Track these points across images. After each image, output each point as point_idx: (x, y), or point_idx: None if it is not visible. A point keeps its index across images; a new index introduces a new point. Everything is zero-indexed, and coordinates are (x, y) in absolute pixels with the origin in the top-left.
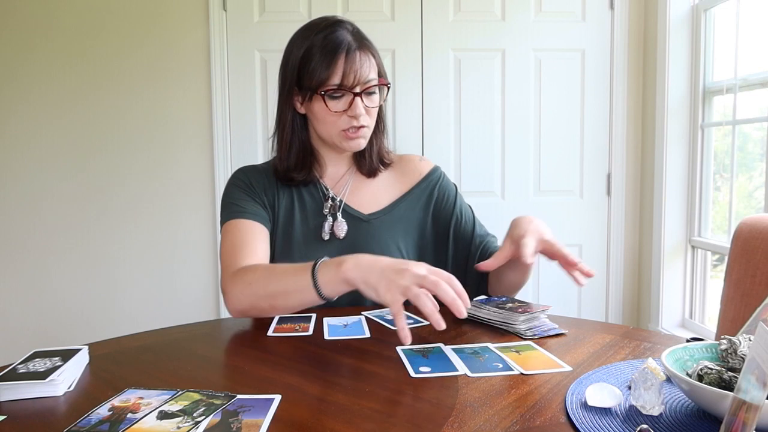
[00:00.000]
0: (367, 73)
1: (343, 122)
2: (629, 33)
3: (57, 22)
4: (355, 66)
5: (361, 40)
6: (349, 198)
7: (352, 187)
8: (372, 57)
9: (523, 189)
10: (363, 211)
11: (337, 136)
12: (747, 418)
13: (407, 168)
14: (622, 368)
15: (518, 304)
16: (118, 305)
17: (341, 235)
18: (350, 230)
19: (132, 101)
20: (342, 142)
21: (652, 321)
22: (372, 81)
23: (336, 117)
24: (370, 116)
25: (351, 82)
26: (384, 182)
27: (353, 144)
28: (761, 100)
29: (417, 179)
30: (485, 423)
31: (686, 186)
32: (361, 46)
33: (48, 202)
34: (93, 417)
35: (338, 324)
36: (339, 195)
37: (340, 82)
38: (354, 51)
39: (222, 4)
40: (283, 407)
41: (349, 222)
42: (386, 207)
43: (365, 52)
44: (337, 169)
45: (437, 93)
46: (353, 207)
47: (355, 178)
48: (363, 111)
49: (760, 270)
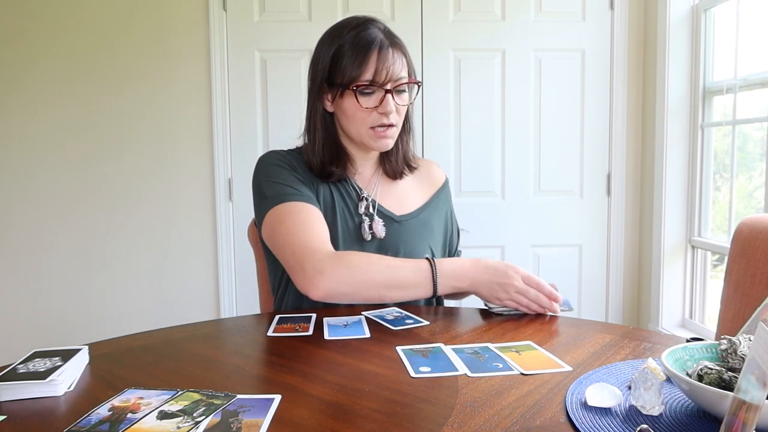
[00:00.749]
0: (398, 70)
1: (372, 119)
2: (629, 33)
3: (57, 22)
4: (388, 63)
5: (392, 38)
6: (380, 199)
7: (381, 188)
8: (403, 56)
9: (523, 189)
10: (395, 212)
11: (366, 133)
12: (747, 418)
13: (427, 173)
14: (622, 368)
15: None
16: (118, 305)
17: (381, 234)
18: (387, 229)
19: (132, 101)
20: (371, 140)
21: (652, 321)
22: (403, 79)
23: (366, 114)
24: (399, 115)
25: (383, 79)
26: (409, 186)
27: (381, 143)
28: (761, 100)
29: (437, 186)
30: (485, 423)
31: (686, 186)
32: (392, 44)
33: (48, 202)
34: (93, 417)
35: (338, 324)
36: (372, 195)
37: (372, 78)
38: (386, 48)
39: (222, 4)
40: (283, 407)
41: (383, 221)
42: (415, 210)
43: (397, 50)
44: (366, 170)
45: (437, 93)
46: (386, 207)
47: (383, 180)
48: (393, 108)
49: (760, 270)
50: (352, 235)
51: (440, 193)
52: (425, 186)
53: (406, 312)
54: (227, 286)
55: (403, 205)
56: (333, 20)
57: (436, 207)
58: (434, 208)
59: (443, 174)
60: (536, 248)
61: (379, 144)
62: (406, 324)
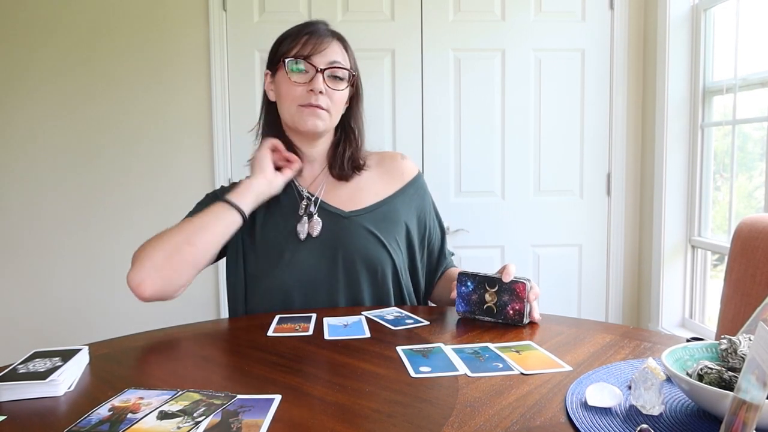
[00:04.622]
0: (331, 53)
1: (302, 97)
2: (629, 33)
3: (57, 22)
4: (318, 40)
5: (334, 33)
6: (326, 196)
7: (328, 187)
8: (344, 49)
9: (523, 189)
10: (343, 209)
11: (296, 111)
12: (747, 418)
13: (391, 167)
14: (622, 368)
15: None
16: (118, 305)
17: (314, 233)
18: (329, 226)
19: (132, 101)
20: (299, 118)
21: (652, 321)
22: (338, 63)
23: (296, 89)
24: (332, 102)
25: (309, 51)
26: (366, 181)
27: (310, 122)
28: (761, 100)
29: (404, 180)
30: (485, 423)
31: (686, 186)
32: (332, 35)
33: (48, 201)
34: (93, 417)
35: (338, 324)
36: (315, 194)
37: (299, 50)
38: (324, 34)
39: (222, 5)
40: (283, 407)
41: (327, 219)
42: (370, 206)
43: (335, 41)
44: (311, 170)
45: (437, 93)
46: (332, 204)
47: (330, 180)
48: (322, 88)
49: (760, 270)
50: (290, 238)
51: (409, 188)
52: (388, 180)
53: (406, 312)
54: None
55: (354, 201)
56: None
57: (403, 202)
58: (400, 202)
59: (414, 167)
60: (536, 248)
61: (307, 122)
62: (406, 324)
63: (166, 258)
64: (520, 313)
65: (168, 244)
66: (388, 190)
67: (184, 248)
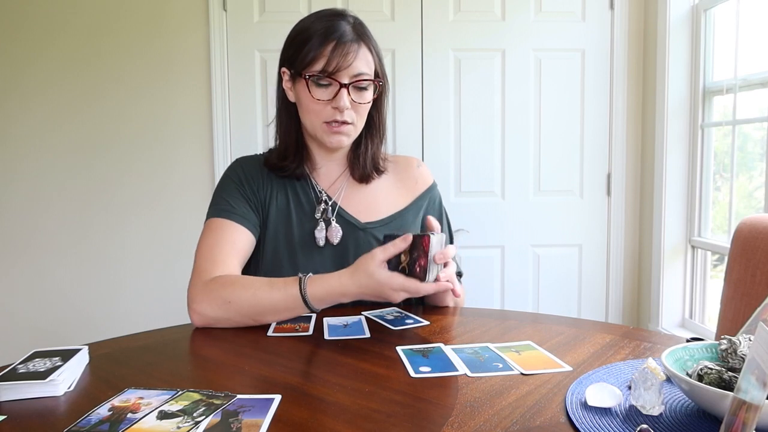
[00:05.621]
0: (357, 65)
1: (327, 113)
2: (629, 33)
3: (58, 23)
4: (344, 54)
5: (360, 34)
6: (345, 202)
7: (347, 191)
8: (369, 53)
9: (523, 189)
10: (360, 219)
11: (320, 128)
12: (747, 418)
13: (406, 174)
14: (622, 368)
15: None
16: (118, 305)
17: (335, 241)
18: (344, 236)
19: (132, 101)
20: (324, 135)
21: (652, 321)
22: (363, 75)
23: (320, 107)
24: (357, 113)
25: (333, 67)
26: (382, 189)
27: (335, 139)
28: (761, 100)
29: (420, 190)
30: (485, 423)
31: (686, 186)
32: (357, 39)
33: (48, 201)
34: (93, 417)
35: (338, 324)
36: (333, 198)
37: (323, 68)
38: (348, 41)
39: (222, 5)
40: (283, 407)
41: (343, 227)
42: (386, 218)
43: (361, 46)
44: (330, 171)
45: (437, 93)
46: (349, 212)
47: (350, 182)
48: (348, 104)
49: (760, 270)
50: (306, 241)
51: (424, 198)
52: (404, 189)
53: (406, 312)
54: None
55: (371, 211)
56: None
57: (415, 215)
58: (412, 216)
59: (429, 177)
60: (536, 248)
61: (332, 140)
62: (406, 324)
63: (227, 319)
64: (424, 269)
65: (239, 314)
66: (401, 201)
67: (248, 321)
